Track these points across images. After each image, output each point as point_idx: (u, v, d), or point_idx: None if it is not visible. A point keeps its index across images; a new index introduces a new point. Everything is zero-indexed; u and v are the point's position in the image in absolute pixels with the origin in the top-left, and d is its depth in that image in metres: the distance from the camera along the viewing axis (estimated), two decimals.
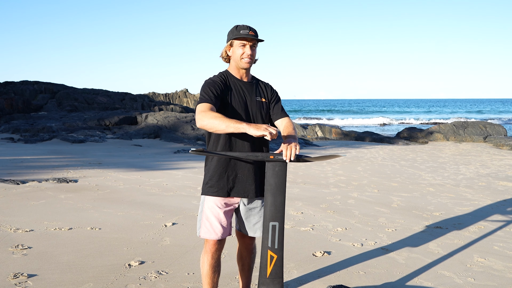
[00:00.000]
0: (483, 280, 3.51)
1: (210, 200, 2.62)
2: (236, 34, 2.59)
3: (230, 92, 2.62)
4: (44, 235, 4.27)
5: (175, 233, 4.51)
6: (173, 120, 17.87)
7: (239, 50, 2.61)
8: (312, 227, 4.95)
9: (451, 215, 5.81)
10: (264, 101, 2.73)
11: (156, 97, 41.02)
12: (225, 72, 2.71)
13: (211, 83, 2.59)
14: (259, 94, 2.72)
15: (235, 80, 2.68)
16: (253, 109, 2.66)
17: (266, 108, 2.73)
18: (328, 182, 8.32)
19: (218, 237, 2.60)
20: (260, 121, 2.68)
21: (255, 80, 2.78)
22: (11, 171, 8.06)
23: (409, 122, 41.97)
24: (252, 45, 2.61)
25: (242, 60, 2.61)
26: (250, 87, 2.71)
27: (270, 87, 2.82)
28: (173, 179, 7.95)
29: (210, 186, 2.62)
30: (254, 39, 2.59)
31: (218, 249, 2.65)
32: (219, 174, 2.59)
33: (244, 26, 2.61)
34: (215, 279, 2.68)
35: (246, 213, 2.68)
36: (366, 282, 3.40)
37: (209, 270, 2.64)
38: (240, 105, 2.62)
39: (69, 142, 14.03)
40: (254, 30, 2.62)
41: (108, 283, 3.19)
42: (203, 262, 2.66)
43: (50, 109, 22.81)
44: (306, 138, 19.99)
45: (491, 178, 9.26)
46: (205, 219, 2.62)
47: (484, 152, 15.11)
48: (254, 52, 2.63)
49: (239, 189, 2.60)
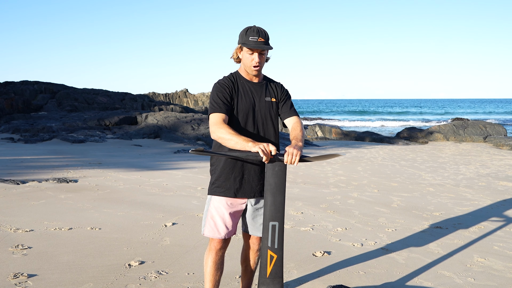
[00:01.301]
0: (483, 280, 3.51)
1: (216, 200, 2.64)
2: (245, 40, 2.55)
3: (238, 94, 2.63)
4: (44, 235, 4.27)
5: (175, 233, 4.51)
6: (173, 120, 17.88)
7: (248, 57, 2.59)
8: (312, 227, 4.95)
9: (451, 215, 5.81)
10: (274, 101, 2.72)
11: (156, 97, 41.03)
12: (235, 74, 2.71)
13: (219, 88, 2.59)
14: (269, 94, 2.71)
15: (244, 82, 2.68)
16: (262, 110, 2.66)
17: (275, 108, 2.72)
18: (328, 182, 8.33)
19: (221, 237, 2.62)
20: (269, 122, 2.68)
21: (266, 80, 2.77)
22: (11, 171, 8.06)
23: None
24: (261, 52, 2.58)
25: (250, 67, 2.60)
26: (260, 88, 2.70)
27: (280, 86, 2.80)
28: (173, 179, 7.95)
29: (217, 186, 2.63)
30: (260, 49, 2.54)
31: (222, 248, 2.67)
32: (225, 175, 2.61)
33: (254, 31, 2.54)
34: (217, 277, 2.69)
35: (253, 213, 2.69)
36: (366, 282, 3.40)
37: (212, 268, 2.66)
38: (248, 106, 2.62)
39: (69, 142, 14.03)
40: (264, 35, 2.55)
41: (108, 283, 3.19)
42: (207, 259, 2.68)
43: (50, 109, 22.81)
44: (306, 138, 20.01)
45: (491, 178, 9.26)
46: (210, 218, 2.64)
47: (484, 152, 15.11)
48: (263, 59, 2.61)
49: (246, 189, 2.62)
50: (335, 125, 30.00)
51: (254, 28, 2.56)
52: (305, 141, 17.82)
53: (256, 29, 2.55)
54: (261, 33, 2.55)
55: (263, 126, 2.66)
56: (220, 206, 2.63)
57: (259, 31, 2.55)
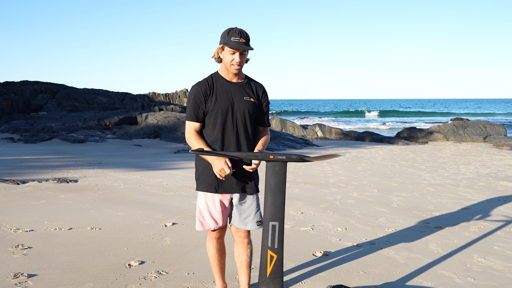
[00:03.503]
0: (483, 280, 3.51)
1: (201, 195, 2.82)
2: (227, 41, 2.64)
3: (217, 95, 2.73)
4: (44, 235, 4.28)
5: (175, 233, 4.51)
6: (173, 120, 17.88)
7: (229, 57, 2.68)
8: (312, 227, 4.95)
9: (451, 215, 5.81)
10: (253, 101, 2.80)
11: (156, 97, 41.03)
12: (214, 75, 2.81)
13: (195, 93, 2.73)
14: (248, 94, 2.79)
15: (224, 82, 2.77)
16: (241, 109, 2.75)
17: (254, 107, 2.80)
18: (328, 182, 8.33)
19: (211, 229, 2.80)
20: (249, 120, 2.78)
21: (247, 79, 2.85)
22: (11, 171, 8.06)
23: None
24: (242, 52, 2.67)
25: (231, 67, 2.70)
26: (239, 88, 2.79)
27: (262, 88, 2.88)
28: (173, 179, 7.95)
29: (200, 182, 2.81)
30: (241, 49, 2.64)
31: (221, 235, 2.89)
32: (207, 171, 2.76)
33: (236, 32, 2.64)
34: (222, 260, 2.94)
35: (237, 207, 2.82)
36: (366, 282, 3.40)
37: (216, 253, 2.90)
38: (227, 105, 2.73)
39: (69, 142, 14.03)
40: (245, 36, 2.65)
41: (108, 283, 3.19)
42: (209, 247, 2.91)
43: (50, 109, 22.82)
44: (306, 138, 19.99)
45: (491, 178, 9.26)
46: (199, 212, 2.84)
47: (484, 152, 15.12)
48: (244, 59, 2.71)
49: (226, 186, 2.76)
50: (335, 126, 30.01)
51: (236, 29, 2.66)
52: (305, 141, 17.83)
53: (238, 30, 2.66)
54: (243, 34, 2.65)
55: (242, 125, 2.76)
56: (205, 201, 2.81)
57: (240, 32, 2.65)
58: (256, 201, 2.83)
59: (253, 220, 2.80)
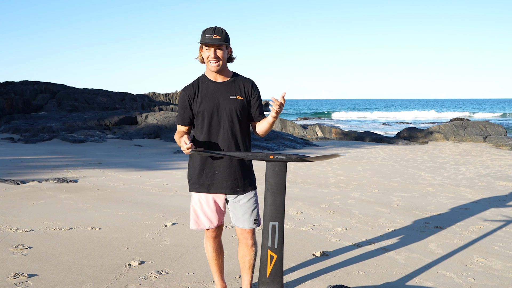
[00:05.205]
0: (483, 280, 3.51)
1: (194, 195, 2.84)
2: (202, 39, 2.67)
3: (202, 97, 2.74)
4: (44, 235, 4.28)
5: (175, 233, 4.51)
6: (173, 120, 17.88)
7: (205, 54, 2.71)
8: (312, 227, 4.95)
9: (451, 215, 5.81)
10: (240, 99, 2.77)
11: (156, 97, 41.05)
12: (200, 77, 2.83)
13: (181, 98, 2.80)
14: (234, 92, 2.77)
15: (209, 83, 2.78)
16: (227, 109, 2.74)
17: (242, 105, 2.77)
18: (328, 182, 8.33)
19: (205, 228, 2.84)
20: (236, 119, 2.75)
21: (233, 77, 2.82)
22: (11, 171, 8.06)
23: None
24: (217, 48, 2.67)
25: (209, 64, 2.72)
26: (225, 87, 2.77)
27: (250, 84, 2.83)
28: (173, 179, 7.95)
29: (192, 183, 2.82)
30: (215, 44, 2.65)
31: (217, 235, 2.90)
32: (198, 172, 2.77)
33: (210, 30, 2.67)
34: (220, 259, 2.96)
35: (232, 206, 2.83)
36: (366, 282, 3.40)
37: (213, 253, 2.92)
38: (212, 106, 2.73)
39: (69, 142, 14.03)
40: (220, 33, 2.66)
41: (108, 283, 3.19)
42: (206, 247, 2.94)
43: (50, 109, 22.82)
44: (306, 138, 19.99)
45: (491, 178, 9.26)
46: (193, 211, 2.86)
47: (484, 152, 15.11)
48: (220, 54, 2.69)
49: (217, 186, 2.77)
50: (336, 126, 30.01)
51: (211, 27, 2.69)
52: (305, 141, 17.83)
53: (213, 28, 2.69)
54: (217, 31, 2.67)
55: (230, 124, 2.74)
56: (198, 201, 2.82)
57: (215, 29, 2.68)
58: (252, 199, 2.80)
59: (249, 218, 2.78)
